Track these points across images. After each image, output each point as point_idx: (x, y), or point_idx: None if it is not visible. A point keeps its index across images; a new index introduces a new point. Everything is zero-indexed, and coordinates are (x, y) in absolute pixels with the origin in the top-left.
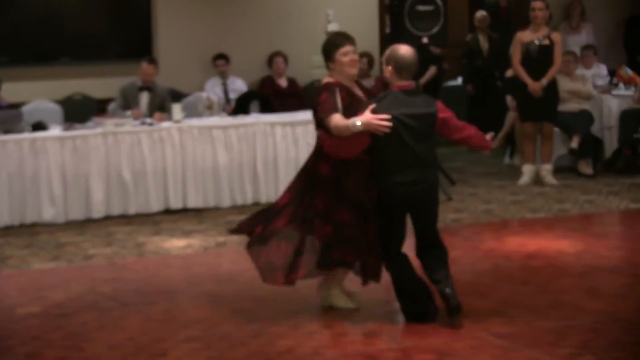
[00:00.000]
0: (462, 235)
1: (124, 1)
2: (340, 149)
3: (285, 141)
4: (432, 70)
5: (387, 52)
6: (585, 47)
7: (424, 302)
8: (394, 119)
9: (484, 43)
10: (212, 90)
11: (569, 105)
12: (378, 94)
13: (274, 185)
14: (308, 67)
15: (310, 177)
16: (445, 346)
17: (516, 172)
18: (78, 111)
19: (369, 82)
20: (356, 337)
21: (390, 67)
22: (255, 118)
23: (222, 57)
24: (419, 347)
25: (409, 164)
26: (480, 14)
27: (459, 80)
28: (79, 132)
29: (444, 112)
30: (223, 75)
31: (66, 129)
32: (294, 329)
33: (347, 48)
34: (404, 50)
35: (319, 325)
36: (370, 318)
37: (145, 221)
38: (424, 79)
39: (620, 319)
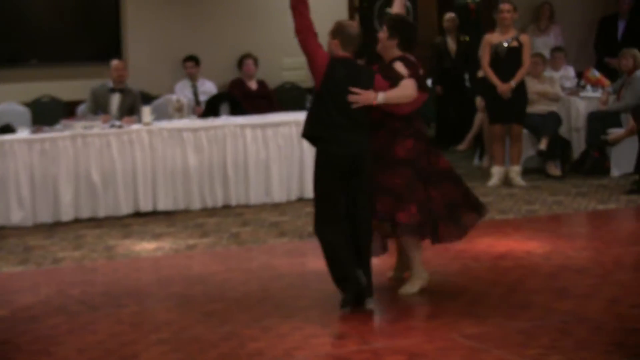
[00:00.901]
0: None
1: (92, 3)
2: None
3: (256, 143)
4: None
5: (334, 26)
6: (556, 49)
7: (353, 276)
8: (341, 84)
9: (452, 45)
10: (182, 92)
11: (537, 107)
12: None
13: (244, 188)
14: (278, 69)
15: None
16: (416, 347)
17: (485, 174)
18: (46, 114)
19: None
20: (327, 339)
21: (337, 41)
22: (225, 120)
23: (191, 59)
24: (390, 349)
25: (348, 128)
26: (449, 15)
27: (429, 82)
28: (48, 134)
29: (380, 84)
30: (193, 78)
31: (34, 131)
32: (264, 331)
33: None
34: (350, 25)
35: (289, 327)
36: (342, 320)
37: (114, 224)
38: None
39: (588, 319)
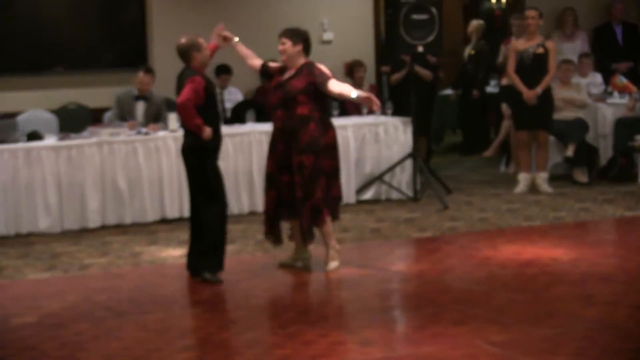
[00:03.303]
0: (457, 244)
1: (118, 10)
2: None
3: None
4: (403, 72)
5: None
6: (584, 55)
7: None
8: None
9: (468, 50)
10: None
11: (563, 114)
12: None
13: None
14: None
15: None
16: (442, 354)
17: (511, 181)
18: (73, 121)
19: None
20: (353, 346)
21: None
22: (251, 127)
23: (226, 71)
24: (415, 356)
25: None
26: (476, 22)
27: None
28: (74, 141)
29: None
30: (222, 86)
31: (61, 138)
32: (290, 338)
33: (281, 39)
34: (179, 41)
35: (315, 334)
36: (367, 327)
37: (141, 231)
38: (397, 75)
39: (614, 326)
